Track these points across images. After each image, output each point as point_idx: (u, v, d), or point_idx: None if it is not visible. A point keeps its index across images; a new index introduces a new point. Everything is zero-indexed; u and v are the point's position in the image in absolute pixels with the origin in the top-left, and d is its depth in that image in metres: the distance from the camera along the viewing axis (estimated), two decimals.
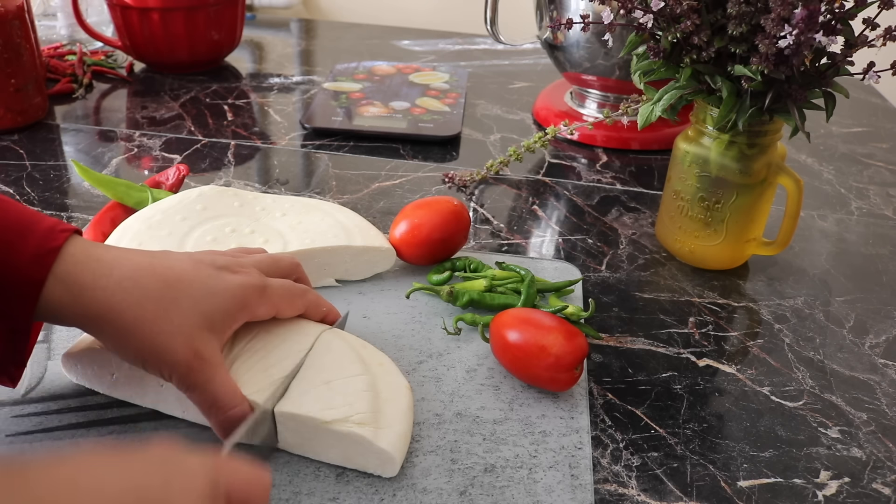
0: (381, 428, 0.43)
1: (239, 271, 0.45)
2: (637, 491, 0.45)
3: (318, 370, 0.45)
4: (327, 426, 0.42)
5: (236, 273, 0.44)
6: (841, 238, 0.72)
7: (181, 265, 0.43)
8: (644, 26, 0.55)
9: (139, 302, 0.40)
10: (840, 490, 0.46)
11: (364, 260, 0.59)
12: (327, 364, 0.46)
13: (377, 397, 0.45)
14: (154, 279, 0.41)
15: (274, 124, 0.89)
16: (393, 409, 0.45)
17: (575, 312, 0.55)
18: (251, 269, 0.46)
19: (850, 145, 0.92)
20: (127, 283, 0.40)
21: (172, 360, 0.40)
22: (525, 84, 1.05)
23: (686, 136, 0.63)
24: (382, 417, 0.44)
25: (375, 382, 0.45)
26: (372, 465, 0.43)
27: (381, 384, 0.46)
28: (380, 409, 0.44)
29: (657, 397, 0.52)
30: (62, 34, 1.12)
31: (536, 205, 0.75)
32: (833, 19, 0.50)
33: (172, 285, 0.41)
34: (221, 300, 0.43)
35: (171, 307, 0.41)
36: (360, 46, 1.17)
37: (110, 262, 0.41)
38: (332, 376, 0.45)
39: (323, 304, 0.50)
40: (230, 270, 0.44)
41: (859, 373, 0.55)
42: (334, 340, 0.48)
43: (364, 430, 0.42)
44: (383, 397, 0.45)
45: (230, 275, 0.44)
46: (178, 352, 0.40)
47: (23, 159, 0.78)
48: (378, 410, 0.44)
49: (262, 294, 0.45)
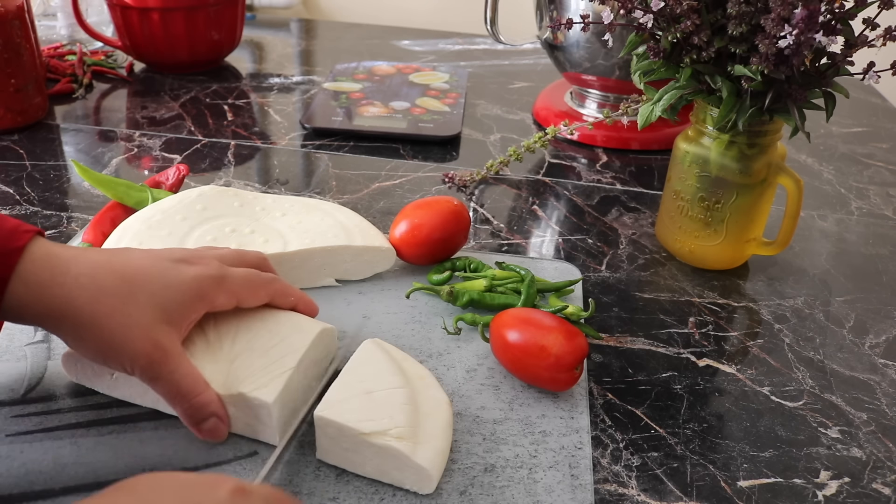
0: (419, 443, 0.42)
1: (196, 263, 0.45)
2: (637, 491, 0.45)
3: (359, 378, 0.45)
4: (365, 438, 0.42)
5: (193, 265, 0.45)
6: (841, 238, 0.72)
7: (138, 261, 0.44)
8: (644, 26, 0.55)
9: (96, 297, 0.41)
10: (840, 490, 0.46)
11: (364, 260, 0.59)
12: (368, 373, 0.46)
13: (417, 411, 0.44)
14: (110, 275, 0.42)
15: (274, 124, 0.89)
16: (432, 425, 0.44)
17: (575, 312, 0.55)
18: (210, 261, 0.46)
19: (850, 145, 0.92)
20: (84, 280, 0.41)
21: (132, 353, 0.41)
22: (525, 84, 1.05)
23: (686, 136, 0.63)
24: (421, 432, 0.43)
25: (415, 396, 0.45)
26: (408, 481, 0.43)
27: (421, 398, 0.45)
28: (419, 423, 0.43)
29: (657, 397, 0.52)
30: (62, 34, 1.12)
31: (536, 205, 0.75)
32: (833, 19, 0.50)
33: (129, 280, 0.42)
34: (178, 292, 0.43)
35: (128, 301, 0.41)
36: (360, 46, 1.17)
37: (68, 260, 0.41)
38: (373, 386, 0.45)
39: (291, 293, 0.50)
40: (187, 262, 0.45)
41: (859, 373, 0.55)
42: (375, 350, 0.48)
43: (402, 445, 0.42)
44: (423, 411, 0.44)
45: (187, 266, 0.44)
46: (137, 345, 0.41)
47: (23, 159, 0.78)
48: (417, 425, 0.43)
49: (220, 284, 0.45)
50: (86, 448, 0.44)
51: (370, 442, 0.42)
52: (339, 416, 0.42)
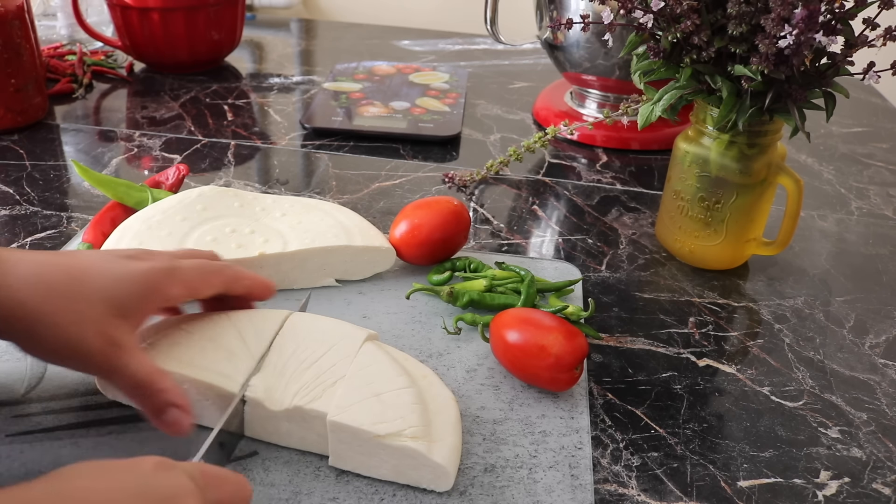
0: (434, 441, 0.42)
1: (146, 258, 0.45)
2: (637, 491, 0.45)
3: (365, 381, 0.45)
4: (381, 440, 0.42)
5: (143, 260, 0.44)
6: (841, 238, 0.72)
7: (86, 258, 0.43)
8: (644, 26, 0.55)
9: (45, 296, 0.40)
10: (840, 490, 0.46)
11: (364, 260, 0.59)
12: (374, 375, 0.45)
13: (427, 410, 0.44)
14: (58, 272, 0.41)
15: (274, 124, 0.89)
16: (442, 422, 0.44)
17: (575, 312, 0.55)
18: (160, 255, 0.46)
19: (850, 145, 0.92)
20: (32, 279, 0.40)
21: (87, 350, 0.40)
22: (525, 84, 1.05)
23: (686, 136, 0.63)
24: (434, 431, 0.43)
25: (423, 395, 0.45)
26: (425, 480, 0.43)
27: (428, 397, 0.45)
28: (430, 422, 0.43)
29: (657, 397, 0.52)
30: (62, 34, 1.12)
31: (536, 205, 0.75)
32: (833, 19, 0.50)
33: (77, 277, 0.41)
34: (129, 285, 0.42)
35: (78, 298, 0.40)
36: (360, 46, 1.17)
37: (14, 262, 0.41)
38: (380, 388, 0.44)
39: (244, 277, 0.49)
40: (136, 259, 0.45)
41: (859, 373, 0.55)
42: (377, 352, 0.47)
43: (418, 445, 0.42)
44: (432, 410, 0.44)
45: (136, 262, 0.44)
46: (91, 341, 0.40)
47: (23, 159, 0.78)
48: (429, 423, 0.43)
49: (172, 275, 0.44)
50: (86, 448, 0.44)
51: (386, 444, 0.42)
52: (352, 420, 0.42)
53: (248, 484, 0.38)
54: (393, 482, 0.43)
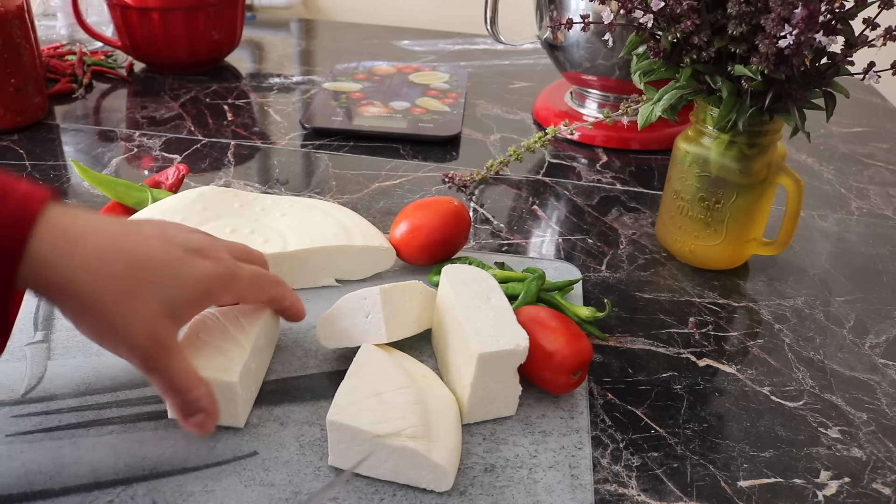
0: (433, 441, 0.42)
1: (210, 256, 0.44)
2: (637, 491, 0.45)
3: (365, 381, 0.45)
4: (380, 440, 0.42)
5: (207, 258, 0.43)
6: (841, 238, 0.72)
7: (151, 243, 0.42)
8: (644, 26, 0.55)
9: (101, 282, 0.39)
10: (840, 490, 0.46)
11: (364, 260, 0.59)
12: (374, 375, 0.45)
13: (426, 410, 0.44)
14: (119, 259, 0.40)
15: (274, 124, 0.89)
16: (443, 422, 0.44)
17: (591, 315, 0.55)
18: (223, 255, 0.45)
19: (850, 145, 0.92)
20: (94, 264, 0.39)
21: (132, 344, 0.40)
22: (525, 84, 1.05)
23: (686, 136, 0.63)
24: (434, 430, 0.43)
25: (422, 395, 0.45)
26: (425, 480, 0.43)
27: (428, 397, 0.45)
28: (430, 422, 0.43)
29: (657, 397, 0.52)
30: (62, 34, 1.12)
31: (536, 205, 0.75)
32: (833, 19, 0.50)
33: (138, 267, 0.40)
34: (186, 288, 0.42)
35: (134, 290, 0.40)
36: (360, 46, 1.17)
37: (75, 237, 0.39)
38: (380, 388, 0.44)
39: (287, 298, 0.49)
40: (201, 255, 0.43)
41: (859, 373, 0.55)
42: (376, 352, 0.47)
43: (417, 445, 0.42)
44: (432, 410, 0.44)
45: (200, 260, 0.43)
46: (138, 337, 0.40)
47: (23, 159, 0.78)
48: (429, 423, 0.43)
49: (230, 285, 0.44)
50: (86, 448, 0.44)
51: (385, 444, 0.42)
52: (352, 419, 0.42)
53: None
54: (393, 482, 0.43)
